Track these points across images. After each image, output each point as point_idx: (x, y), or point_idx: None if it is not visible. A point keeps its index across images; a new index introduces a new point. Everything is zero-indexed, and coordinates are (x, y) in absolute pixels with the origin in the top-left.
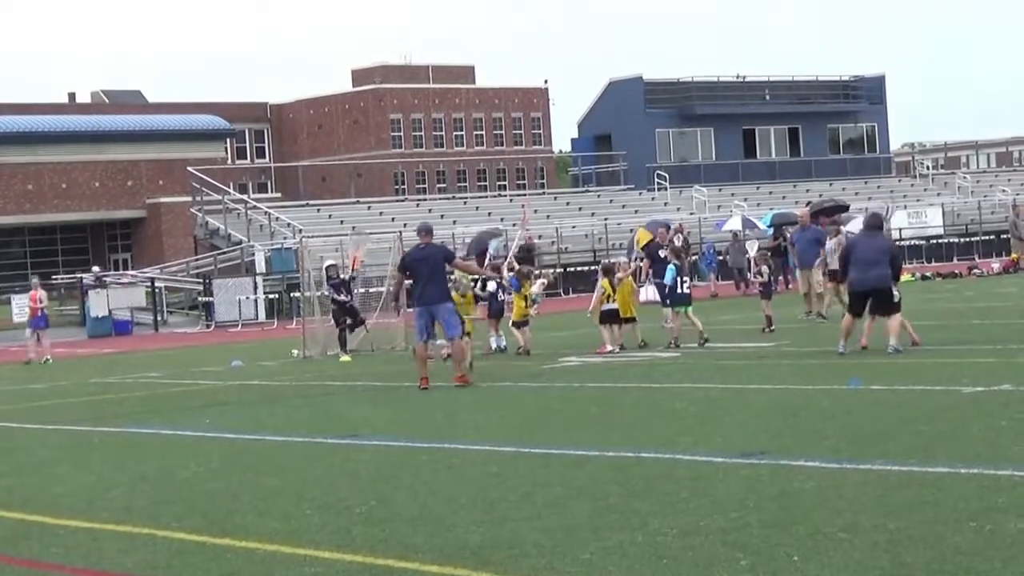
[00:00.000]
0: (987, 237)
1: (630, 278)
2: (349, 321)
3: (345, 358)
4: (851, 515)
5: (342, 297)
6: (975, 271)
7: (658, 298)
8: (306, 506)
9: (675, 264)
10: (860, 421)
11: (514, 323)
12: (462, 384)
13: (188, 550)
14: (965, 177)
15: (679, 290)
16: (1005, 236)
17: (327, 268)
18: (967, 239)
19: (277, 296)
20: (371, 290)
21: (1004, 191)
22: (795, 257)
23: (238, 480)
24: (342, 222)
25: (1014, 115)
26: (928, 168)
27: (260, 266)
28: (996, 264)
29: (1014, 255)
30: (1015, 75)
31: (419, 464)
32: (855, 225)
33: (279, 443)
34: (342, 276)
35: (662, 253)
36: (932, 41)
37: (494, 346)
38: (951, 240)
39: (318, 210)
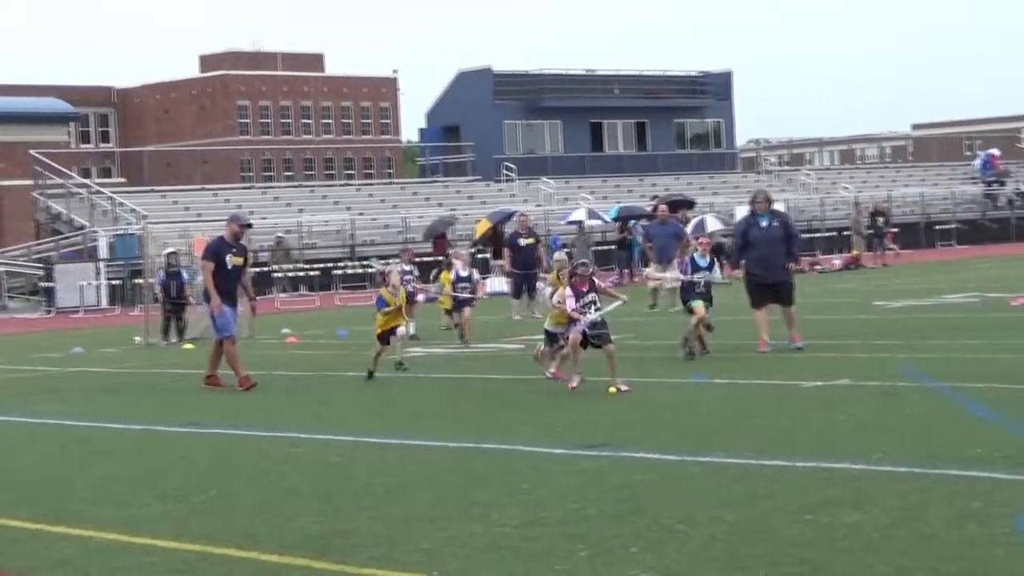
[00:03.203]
0: (829, 233)
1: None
2: (169, 308)
3: (188, 345)
4: (689, 507)
5: (171, 288)
6: (817, 267)
7: (505, 289)
8: (144, 494)
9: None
10: (701, 414)
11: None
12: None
13: (21, 538)
14: (809, 174)
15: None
16: (847, 233)
17: (167, 255)
18: (810, 235)
19: (120, 282)
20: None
21: (846, 188)
22: (652, 251)
23: (75, 468)
24: (187, 208)
25: (857, 114)
26: (773, 164)
27: (103, 252)
28: (838, 260)
29: (855, 252)
30: (858, 75)
31: (259, 453)
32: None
33: (118, 431)
34: (178, 267)
35: (522, 242)
36: (778, 39)
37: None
38: None
39: (163, 196)
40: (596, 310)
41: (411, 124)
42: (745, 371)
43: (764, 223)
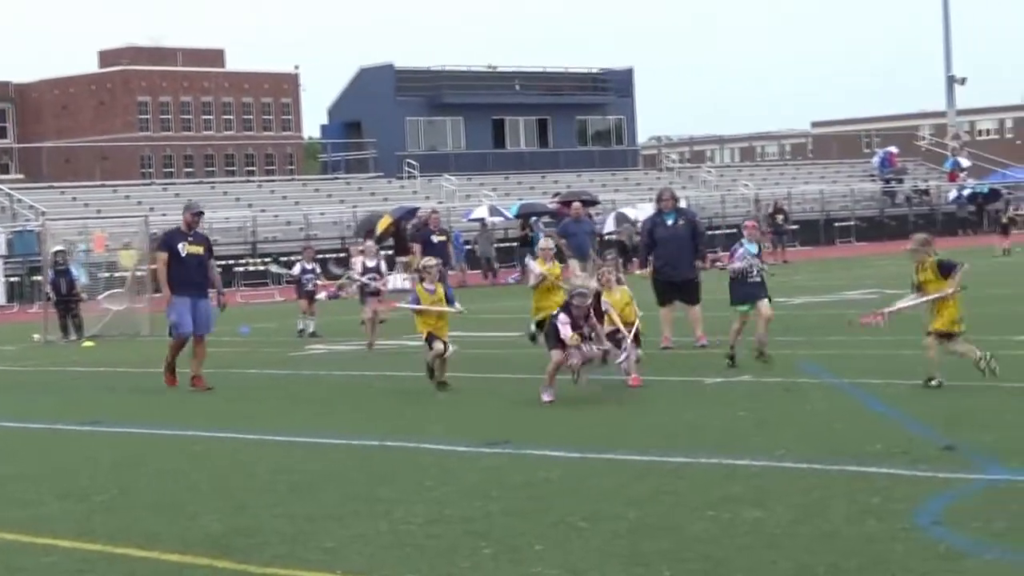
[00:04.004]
0: (730, 231)
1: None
2: (62, 306)
3: (87, 343)
4: (593, 504)
5: (61, 286)
6: (717, 264)
7: (407, 286)
8: (45, 494)
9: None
10: (603, 412)
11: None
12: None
13: None
14: (710, 171)
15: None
16: None
17: (54, 253)
18: (710, 232)
19: (19, 279)
20: (115, 275)
21: (747, 185)
22: (569, 249)
23: None
24: (87, 205)
25: (757, 112)
26: (674, 162)
27: (1, 248)
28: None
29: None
30: (757, 72)
31: (161, 451)
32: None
33: (18, 429)
34: (68, 264)
35: (435, 239)
36: (679, 37)
37: (300, 327)
38: None
39: (62, 192)
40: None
41: (313, 120)
42: (648, 368)
43: (670, 221)
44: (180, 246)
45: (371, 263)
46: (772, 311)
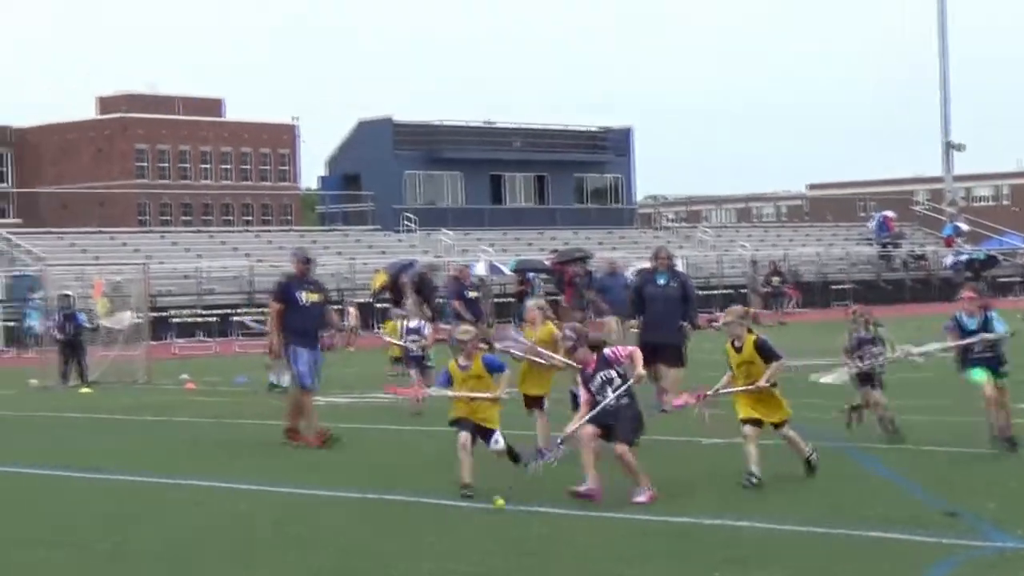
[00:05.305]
0: (726, 291)
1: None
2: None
3: (85, 389)
4: (591, 564)
5: (68, 330)
6: (714, 324)
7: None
8: (46, 542)
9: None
10: (603, 472)
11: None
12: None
13: None
14: (706, 231)
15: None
16: (744, 290)
17: (61, 297)
18: (707, 292)
19: (15, 324)
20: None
21: (743, 246)
22: (604, 303)
23: None
24: (84, 251)
25: (754, 173)
26: (670, 221)
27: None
28: None
29: (752, 309)
30: (755, 134)
31: (164, 500)
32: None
33: (16, 475)
34: (74, 309)
35: (469, 294)
36: (677, 97)
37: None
38: None
39: (60, 238)
40: (615, 390)
41: (310, 172)
42: (648, 426)
43: (662, 281)
44: (300, 295)
45: (413, 323)
46: (993, 390)
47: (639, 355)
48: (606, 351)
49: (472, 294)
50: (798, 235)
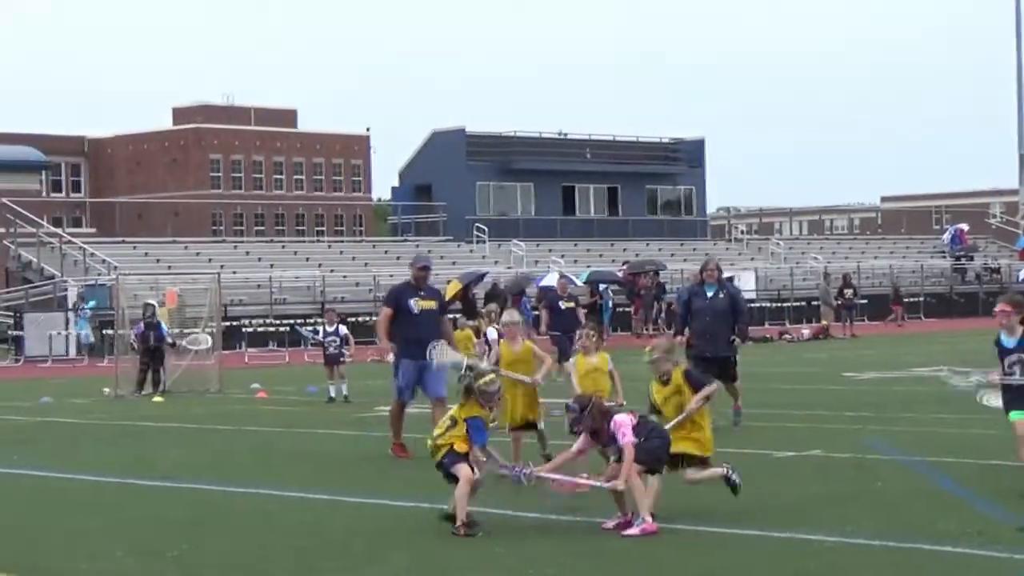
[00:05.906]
0: (798, 303)
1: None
2: (147, 359)
3: (157, 398)
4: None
5: (150, 340)
6: (786, 336)
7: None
8: (117, 549)
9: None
10: (672, 483)
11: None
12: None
13: None
14: (778, 243)
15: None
16: (815, 303)
17: (145, 306)
18: (779, 304)
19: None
20: (186, 331)
21: (816, 258)
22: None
23: (46, 520)
24: (158, 261)
25: (826, 185)
26: (743, 233)
27: (73, 301)
28: (806, 330)
29: (823, 322)
30: (830, 145)
31: (232, 509)
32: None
33: (90, 483)
34: (156, 319)
35: (562, 304)
36: (750, 108)
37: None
38: (763, 304)
39: (134, 247)
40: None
41: (382, 182)
42: (717, 440)
43: (710, 293)
44: (411, 302)
45: (492, 334)
46: None
47: (631, 452)
48: (616, 419)
49: (565, 305)
50: (870, 247)
